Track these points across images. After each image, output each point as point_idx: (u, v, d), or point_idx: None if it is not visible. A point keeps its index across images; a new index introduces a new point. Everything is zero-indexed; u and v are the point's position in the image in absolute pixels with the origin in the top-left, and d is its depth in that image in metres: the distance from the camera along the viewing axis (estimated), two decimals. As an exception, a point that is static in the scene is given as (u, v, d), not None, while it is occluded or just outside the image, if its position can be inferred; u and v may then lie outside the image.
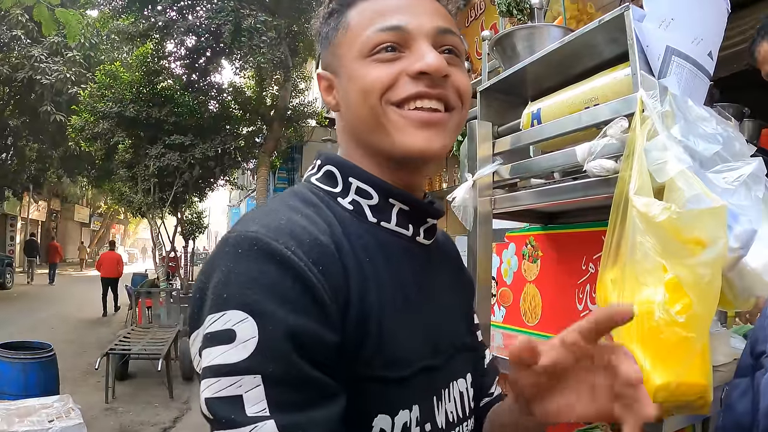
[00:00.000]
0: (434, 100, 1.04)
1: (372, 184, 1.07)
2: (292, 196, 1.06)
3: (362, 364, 0.93)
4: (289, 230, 0.91)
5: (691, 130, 1.42)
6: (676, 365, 1.18)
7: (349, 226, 1.02)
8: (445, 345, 1.14)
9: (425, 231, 1.14)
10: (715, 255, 1.17)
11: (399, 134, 1.02)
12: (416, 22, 1.04)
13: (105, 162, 17.26)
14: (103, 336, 13.44)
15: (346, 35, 1.08)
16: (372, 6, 1.06)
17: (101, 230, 52.25)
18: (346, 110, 1.10)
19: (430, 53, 1.02)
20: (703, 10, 1.62)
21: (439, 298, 1.18)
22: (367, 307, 0.94)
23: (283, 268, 0.85)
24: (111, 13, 15.00)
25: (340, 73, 1.09)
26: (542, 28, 2.15)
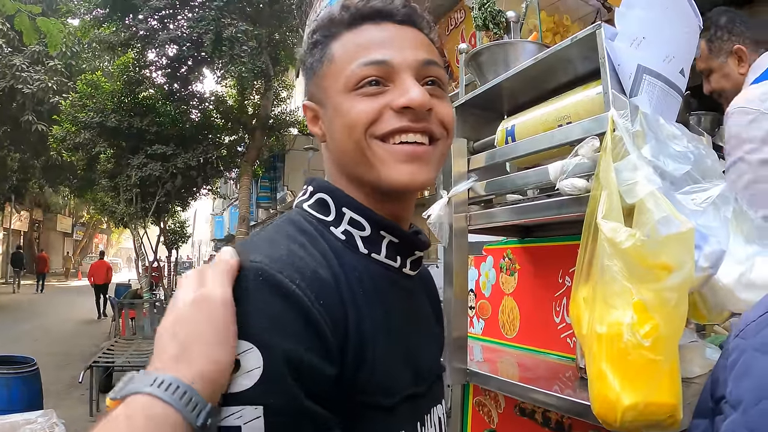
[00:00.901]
0: (418, 134, 1.04)
1: (365, 216, 1.07)
2: (288, 224, 1.06)
3: (359, 391, 0.93)
4: (291, 262, 0.91)
5: (661, 149, 1.43)
6: (644, 386, 1.20)
7: (342, 256, 1.02)
8: (426, 372, 1.16)
9: (412, 262, 1.15)
10: (681, 279, 1.18)
11: (384, 168, 1.02)
12: (400, 56, 1.04)
13: (87, 172, 17.22)
14: (86, 348, 13.30)
15: (330, 68, 1.07)
16: (355, 39, 1.07)
17: (84, 240, 51.93)
18: (331, 142, 1.10)
19: (413, 87, 1.02)
20: (674, 28, 1.63)
21: (422, 328, 1.20)
22: (362, 338, 0.95)
23: (288, 302, 0.86)
24: (92, 22, 14.94)
25: (326, 104, 1.09)
26: (516, 44, 2.16)
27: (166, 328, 0.84)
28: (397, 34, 1.07)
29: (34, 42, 6.28)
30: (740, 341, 0.98)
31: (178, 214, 21.44)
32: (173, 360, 0.79)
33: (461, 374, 1.99)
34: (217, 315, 0.82)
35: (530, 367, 2.09)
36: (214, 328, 0.81)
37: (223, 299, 0.84)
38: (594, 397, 1.29)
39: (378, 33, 1.07)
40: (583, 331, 1.35)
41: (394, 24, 1.08)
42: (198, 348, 0.80)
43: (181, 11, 14.95)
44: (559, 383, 1.79)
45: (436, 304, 1.38)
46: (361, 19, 1.08)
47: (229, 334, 0.82)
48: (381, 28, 1.07)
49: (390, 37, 1.06)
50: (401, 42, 1.06)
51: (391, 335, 1.04)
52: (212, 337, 0.81)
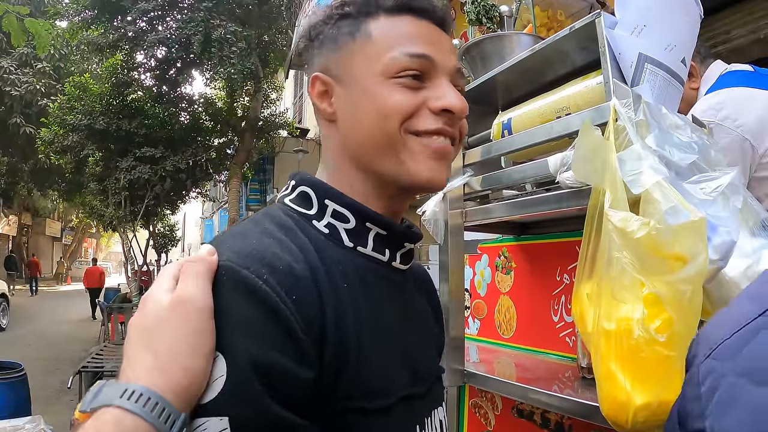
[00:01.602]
0: (448, 137, 1.04)
1: (349, 207, 1.04)
2: (265, 218, 1.02)
3: (341, 396, 0.88)
4: (261, 257, 0.87)
5: (666, 139, 1.39)
6: (657, 384, 1.15)
7: (325, 250, 0.98)
8: (425, 372, 1.12)
9: (402, 256, 1.11)
10: (695, 270, 1.13)
11: (413, 162, 1.01)
12: (441, 58, 1.03)
13: (75, 175, 17.17)
14: (75, 353, 13.23)
15: (364, 46, 1.03)
16: (399, 26, 1.04)
17: (73, 244, 51.73)
18: (349, 124, 1.05)
19: (452, 92, 1.02)
20: (675, 17, 1.59)
21: (417, 325, 1.15)
22: (344, 336, 0.90)
23: (254, 300, 0.82)
24: (80, 23, 14.88)
25: (348, 83, 1.04)
26: (512, 37, 2.12)
27: (138, 332, 0.80)
28: (438, 35, 1.06)
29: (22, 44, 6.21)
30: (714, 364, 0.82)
31: (167, 218, 21.42)
32: (145, 369, 0.76)
33: (458, 375, 1.94)
34: (194, 322, 0.79)
35: (529, 367, 2.05)
36: (191, 336, 0.78)
37: (203, 304, 0.80)
38: (603, 398, 1.24)
39: (421, 29, 1.05)
40: (587, 329, 1.29)
41: (433, 24, 1.07)
42: (172, 357, 0.76)
43: (170, 13, 14.91)
44: (559, 383, 1.75)
45: (435, 304, 1.34)
46: (406, 10, 1.05)
47: (206, 342, 0.78)
48: (423, 24, 1.05)
49: (433, 37, 1.05)
50: (441, 44, 1.05)
51: (381, 332, 0.99)
52: (188, 346, 0.77)
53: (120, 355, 9.25)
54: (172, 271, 0.88)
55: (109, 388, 0.74)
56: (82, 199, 19.88)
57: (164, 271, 0.90)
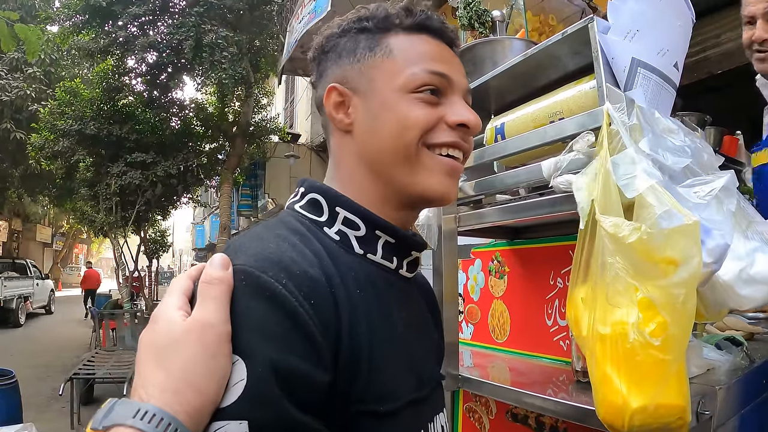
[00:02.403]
0: (461, 151, 1.10)
1: (359, 215, 1.06)
2: (278, 224, 1.04)
3: (355, 399, 0.90)
4: (278, 261, 0.89)
5: (659, 143, 1.39)
6: (653, 387, 1.16)
7: (337, 257, 1.00)
8: (428, 377, 1.15)
9: (408, 264, 1.14)
10: (689, 274, 1.14)
11: (428, 177, 1.06)
12: (456, 76, 1.09)
13: (66, 181, 17.09)
14: (67, 360, 13.20)
15: (385, 61, 1.07)
16: (418, 45, 1.09)
17: (64, 250, 51.47)
18: (367, 135, 1.08)
19: (467, 109, 1.09)
20: (668, 21, 1.60)
21: (420, 332, 1.18)
22: (357, 343, 0.91)
23: (273, 304, 0.83)
24: (71, 28, 14.80)
25: (368, 95, 1.08)
26: (504, 41, 2.12)
27: (150, 349, 0.81)
28: (451, 55, 1.13)
29: (12, 49, 6.19)
30: None
31: (158, 223, 21.34)
32: (158, 389, 0.76)
33: (453, 380, 1.94)
34: (213, 346, 0.79)
35: (523, 371, 2.06)
36: (209, 359, 0.78)
37: (222, 330, 0.81)
38: (599, 402, 1.24)
39: (437, 48, 1.10)
40: (582, 332, 1.30)
41: (446, 45, 1.13)
42: (186, 378, 0.77)
43: (161, 18, 14.86)
44: (553, 387, 1.76)
45: (435, 311, 1.36)
46: (423, 29, 1.11)
47: (222, 366, 0.79)
48: (438, 44, 1.11)
49: (447, 56, 1.11)
50: (456, 65, 1.12)
51: (391, 338, 1.02)
52: (204, 369, 0.78)
53: (112, 362, 9.27)
54: (182, 287, 0.88)
55: (122, 407, 0.74)
56: (72, 204, 19.78)
57: (174, 286, 0.90)
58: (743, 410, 1.73)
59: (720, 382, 1.62)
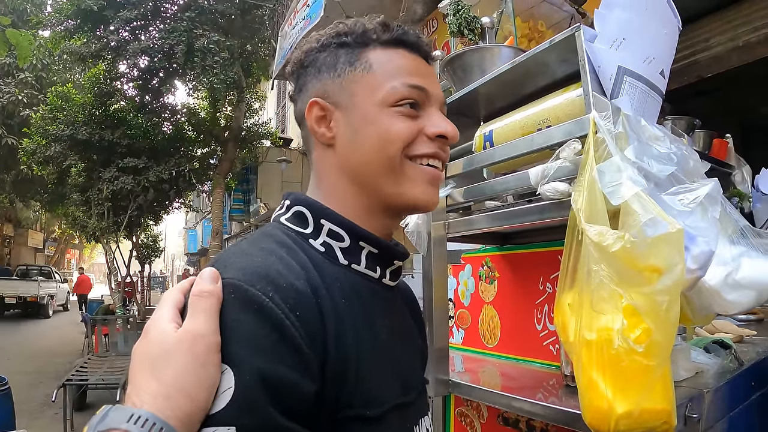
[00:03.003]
0: (440, 161, 1.13)
1: (343, 227, 1.08)
2: (264, 237, 1.06)
3: (343, 405, 0.92)
4: (265, 274, 0.91)
5: (645, 151, 1.41)
6: (638, 393, 1.18)
7: (323, 268, 1.02)
8: (414, 382, 1.17)
9: (391, 273, 1.16)
10: (672, 281, 1.16)
11: (411, 186, 1.08)
12: (433, 89, 1.12)
13: (58, 186, 16.98)
14: (60, 366, 13.12)
15: (365, 75, 1.10)
16: (396, 59, 1.12)
17: (56, 255, 51.26)
18: (349, 148, 1.10)
19: (444, 120, 1.11)
20: (654, 29, 1.62)
21: (404, 338, 1.20)
22: (344, 349, 0.94)
23: (260, 317, 0.85)
24: (63, 33, 14.75)
25: (349, 109, 1.10)
26: (493, 49, 2.13)
27: (143, 359, 0.83)
28: (427, 68, 1.16)
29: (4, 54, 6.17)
30: None
31: (150, 228, 21.26)
32: (150, 395, 0.78)
33: (444, 385, 1.96)
34: (203, 356, 0.81)
35: (513, 376, 2.07)
36: (199, 368, 0.81)
37: (212, 341, 0.83)
38: (585, 406, 1.26)
39: (414, 62, 1.13)
40: (569, 338, 1.32)
41: (422, 58, 1.16)
42: (177, 386, 0.79)
43: (153, 22, 14.80)
44: (543, 391, 1.77)
45: (417, 317, 1.38)
46: (400, 44, 1.13)
47: (211, 375, 0.81)
48: (415, 58, 1.14)
49: (424, 69, 1.14)
50: (431, 77, 1.15)
51: (376, 345, 1.04)
52: (194, 377, 0.80)
53: (104, 368, 9.21)
54: (173, 299, 0.91)
55: (116, 413, 0.76)
56: (64, 209, 19.67)
57: (166, 298, 0.93)
58: (731, 413, 1.74)
59: (708, 385, 1.64)
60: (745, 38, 5.24)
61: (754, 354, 2.14)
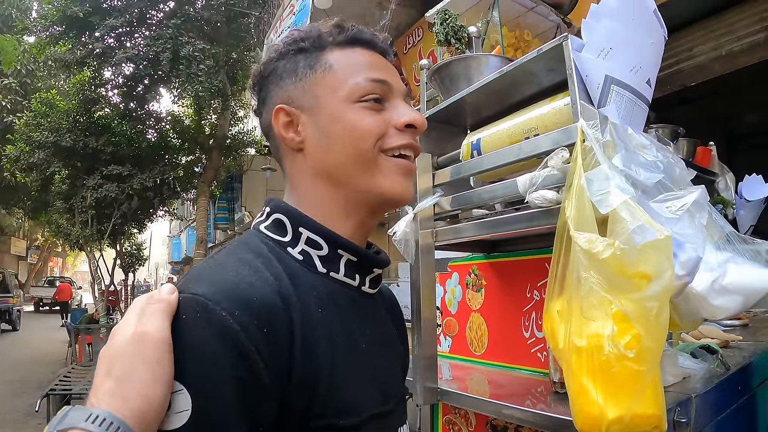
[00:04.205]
0: (413, 150, 1.14)
1: (322, 235, 1.09)
2: (242, 246, 1.07)
3: (315, 415, 0.93)
4: (235, 290, 0.91)
5: (632, 159, 1.42)
6: (629, 398, 1.18)
7: (299, 277, 1.03)
8: (393, 391, 1.18)
9: (371, 280, 1.17)
10: (661, 287, 1.17)
11: (384, 178, 1.10)
12: (395, 81, 1.15)
13: (41, 193, 16.93)
14: (42, 375, 13.01)
15: (326, 76, 1.12)
16: (354, 57, 1.14)
17: (39, 263, 50.90)
18: (320, 149, 1.11)
19: (410, 109, 1.14)
20: (641, 39, 1.63)
21: (384, 346, 1.21)
22: (316, 360, 0.95)
23: (223, 339, 0.85)
24: (48, 39, 14.70)
25: (315, 111, 1.11)
26: (480, 58, 2.14)
27: (104, 362, 0.84)
28: (386, 63, 1.18)
29: (-13, 60, 6.16)
30: None
31: (134, 237, 21.18)
32: (108, 395, 0.80)
33: (432, 393, 1.96)
34: (152, 354, 0.83)
35: (502, 383, 2.08)
36: (149, 366, 0.82)
37: (160, 338, 0.84)
38: (576, 413, 1.26)
39: (372, 57, 1.16)
40: (559, 345, 1.32)
41: (379, 54, 1.18)
42: (132, 385, 0.81)
43: (138, 29, 14.81)
44: (532, 398, 1.78)
45: (400, 325, 1.40)
46: (356, 42, 1.16)
47: (164, 372, 0.83)
48: (373, 54, 1.17)
49: (383, 64, 1.17)
50: (391, 70, 1.17)
51: (354, 353, 1.05)
52: (147, 375, 0.81)
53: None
54: (138, 307, 0.91)
55: (75, 412, 0.78)
56: (48, 217, 19.56)
57: (133, 305, 0.93)
58: (719, 417, 1.76)
59: (696, 389, 1.66)
60: (728, 47, 5.30)
61: (740, 358, 2.16)
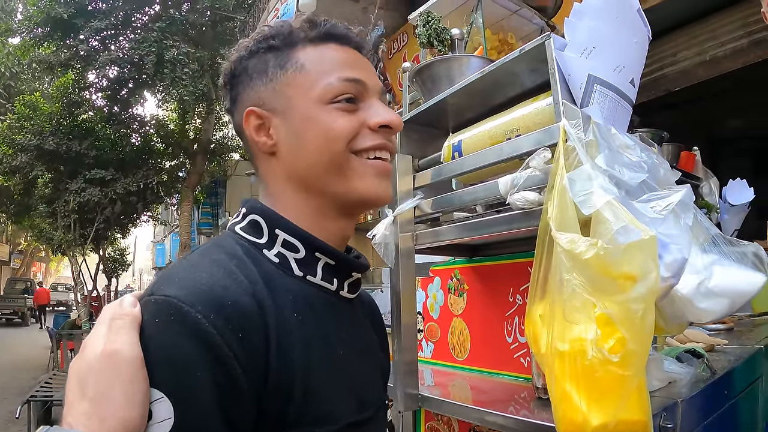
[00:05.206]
0: (387, 151, 1.12)
1: (299, 237, 1.07)
2: (216, 248, 1.04)
3: (289, 422, 0.92)
4: (209, 291, 0.89)
5: (615, 159, 1.40)
6: (613, 404, 1.16)
7: (274, 280, 1.01)
8: (372, 398, 1.16)
9: (350, 285, 1.15)
10: (647, 289, 1.15)
11: (360, 181, 1.07)
12: (370, 80, 1.12)
13: (24, 197, 16.83)
14: (23, 381, 12.91)
15: (297, 76, 1.09)
16: (327, 55, 1.11)
17: (21, 268, 50.63)
18: (293, 152, 1.09)
19: (385, 109, 1.11)
20: (624, 38, 1.62)
21: (363, 352, 1.19)
22: (291, 365, 0.93)
23: (198, 342, 0.84)
24: (32, 41, 14.64)
25: (287, 113, 1.08)
26: (462, 59, 2.12)
27: (75, 378, 0.83)
28: (361, 59, 1.15)
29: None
30: None
31: (117, 242, 21.10)
32: (85, 416, 0.78)
33: (413, 400, 1.94)
34: (125, 373, 0.82)
35: (484, 389, 2.07)
36: (123, 386, 0.81)
37: (131, 356, 0.83)
38: (559, 419, 1.24)
39: (347, 54, 1.12)
40: (541, 350, 1.30)
41: (354, 49, 1.14)
42: (107, 406, 0.79)
43: (123, 32, 14.80)
44: (515, 404, 1.77)
45: (380, 331, 1.38)
46: (329, 38, 1.12)
47: (138, 390, 0.81)
48: (346, 50, 1.13)
49: (358, 61, 1.13)
50: (366, 67, 1.14)
51: (330, 359, 1.03)
52: (120, 395, 0.80)
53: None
54: (107, 318, 0.89)
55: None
56: (30, 221, 19.48)
57: (102, 314, 0.91)
58: (705, 421, 1.75)
59: (682, 394, 1.65)
60: (711, 53, 5.35)
61: (726, 362, 2.17)
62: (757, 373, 2.42)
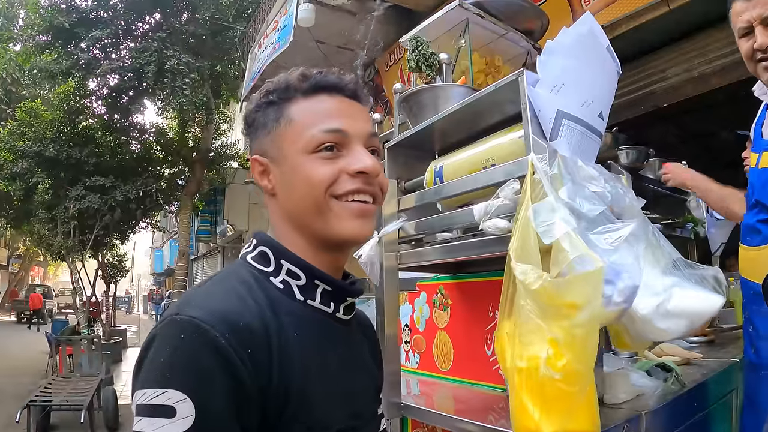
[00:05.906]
0: (368, 195, 1.21)
1: (301, 267, 1.21)
2: (230, 276, 1.20)
3: (286, 423, 1.05)
4: (225, 316, 1.03)
5: (578, 191, 1.51)
6: (561, 416, 1.30)
7: (279, 303, 1.15)
8: (364, 409, 1.30)
9: (345, 308, 1.27)
10: (589, 315, 1.28)
11: (338, 223, 1.18)
12: (353, 127, 1.21)
13: (24, 203, 16.73)
14: (22, 386, 12.86)
15: (288, 129, 1.21)
16: (313, 106, 1.21)
17: (20, 273, 50.42)
18: (285, 196, 1.22)
19: (366, 156, 1.20)
20: (593, 74, 1.72)
21: (358, 369, 1.32)
22: (289, 377, 1.07)
23: (216, 356, 0.98)
24: (34, 48, 14.64)
25: (281, 162, 1.22)
26: (446, 88, 2.22)
27: None
28: (349, 106, 1.24)
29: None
30: None
31: (116, 248, 21.04)
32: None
33: (396, 408, 2.05)
34: None
35: (465, 399, 2.17)
36: None
37: None
38: (516, 428, 1.39)
39: (333, 104, 1.23)
40: (507, 364, 1.44)
41: (345, 97, 1.25)
42: None
43: (124, 41, 14.79)
44: (492, 414, 1.86)
45: (374, 348, 1.49)
46: (318, 89, 1.23)
47: None
48: (335, 99, 1.23)
49: (344, 109, 1.23)
50: (353, 114, 1.23)
51: (325, 373, 1.16)
52: None
53: (69, 389, 9.02)
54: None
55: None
56: (30, 227, 19.40)
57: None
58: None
59: (647, 407, 1.74)
60: (699, 69, 5.42)
61: (699, 375, 2.24)
62: (731, 386, 2.51)
